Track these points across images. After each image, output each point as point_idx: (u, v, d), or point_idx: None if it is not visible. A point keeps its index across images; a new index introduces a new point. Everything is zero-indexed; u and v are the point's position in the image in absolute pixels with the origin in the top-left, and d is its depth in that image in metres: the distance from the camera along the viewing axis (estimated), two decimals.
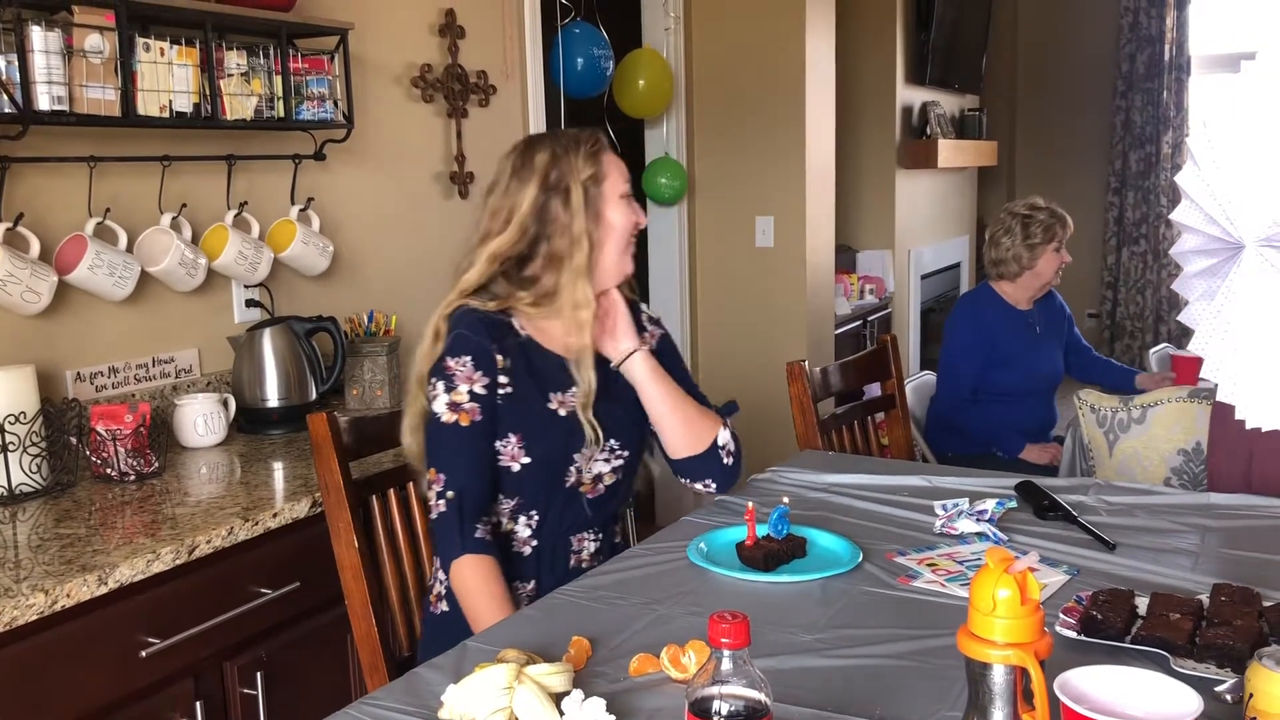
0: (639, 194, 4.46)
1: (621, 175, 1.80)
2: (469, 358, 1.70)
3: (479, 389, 1.70)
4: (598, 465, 1.79)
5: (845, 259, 5.54)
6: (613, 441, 1.80)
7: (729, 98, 4.50)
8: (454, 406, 1.68)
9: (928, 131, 5.86)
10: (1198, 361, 3.61)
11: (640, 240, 1.88)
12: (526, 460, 1.73)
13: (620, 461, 1.81)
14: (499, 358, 1.72)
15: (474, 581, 1.65)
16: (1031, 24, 7.70)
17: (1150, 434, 2.65)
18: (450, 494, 1.67)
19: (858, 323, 5.38)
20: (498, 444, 1.71)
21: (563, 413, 1.74)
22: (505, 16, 3.52)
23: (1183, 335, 7.33)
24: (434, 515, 1.69)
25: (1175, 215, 1.22)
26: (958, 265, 6.79)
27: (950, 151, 5.91)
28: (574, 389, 1.75)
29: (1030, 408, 3.53)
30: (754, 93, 4.46)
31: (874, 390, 2.81)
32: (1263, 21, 6.84)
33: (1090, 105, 7.59)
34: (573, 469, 1.76)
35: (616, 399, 1.81)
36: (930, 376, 3.80)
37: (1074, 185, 7.52)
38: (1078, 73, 7.61)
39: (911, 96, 5.80)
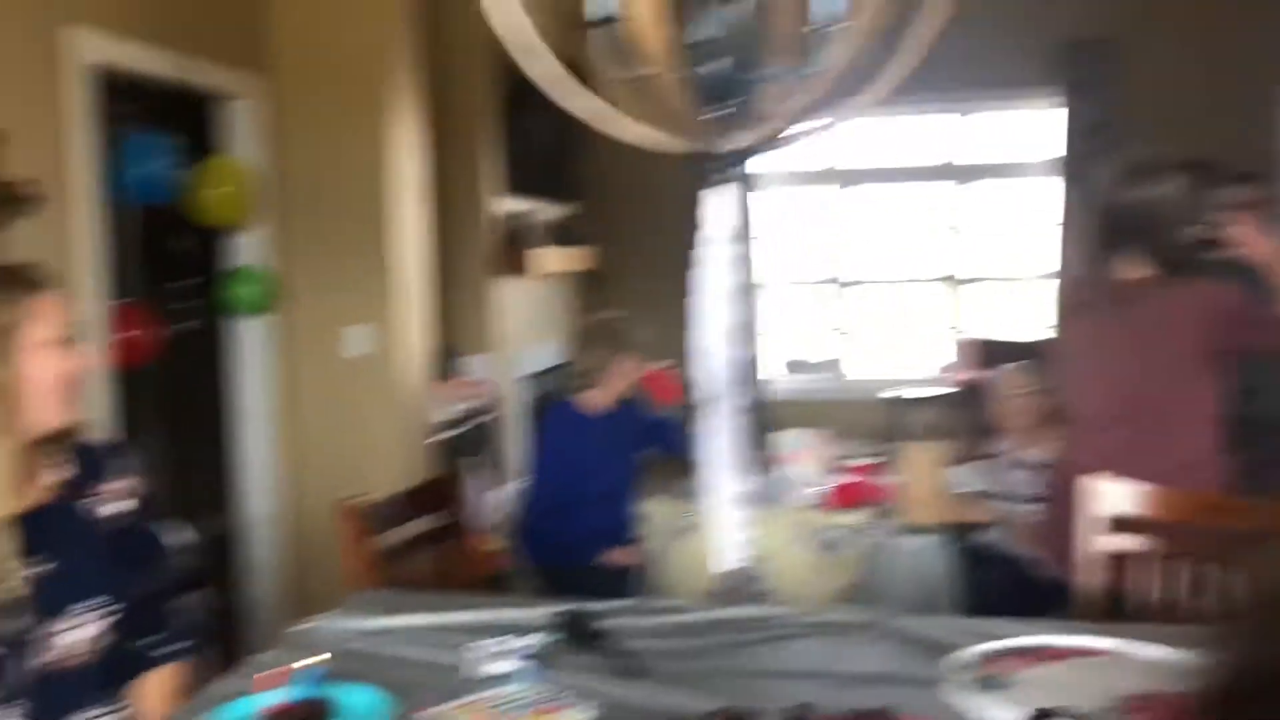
0: (215, 305, 4.24)
1: (47, 320, 1.64)
2: None
3: None
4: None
5: (447, 365, 5.55)
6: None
7: (316, 206, 4.41)
8: None
9: (524, 240, 6.04)
10: (667, 374, 3.93)
11: (212, 356, 1.79)
12: None
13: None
14: None
15: None
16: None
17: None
18: None
19: (460, 428, 5.38)
20: None
21: None
22: (60, 121, 3.26)
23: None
24: None
25: None
26: (558, 368, 7.00)
27: (548, 258, 6.13)
28: None
29: (611, 511, 3.66)
30: (341, 201, 4.40)
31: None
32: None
33: (669, 208, 8.14)
34: None
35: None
36: (522, 485, 3.86)
37: (667, 288, 8.00)
38: (665, 175, 8.15)
39: (508, 205, 5.97)
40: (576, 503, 3.56)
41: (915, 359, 8.21)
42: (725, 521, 1.27)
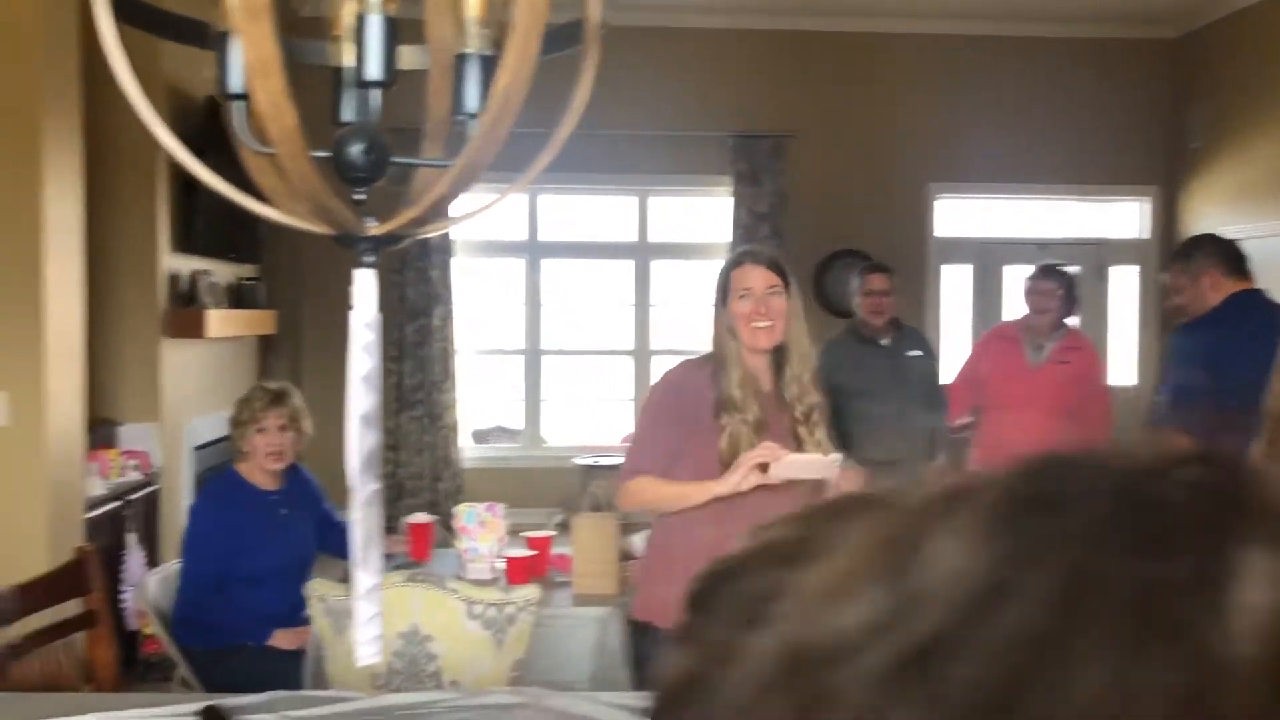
0: None
1: None
2: None
3: None
4: None
5: (104, 434, 5.13)
6: None
7: None
8: None
9: (197, 301, 5.73)
10: (429, 527, 3.88)
11: None
12: None
13: None
14: None
15: None
16: None
17: None
18: None
19: (119, 502, 4.97)
20: None
21: None
22: None
23: (453, 496, 7.88)
24: None
25: None
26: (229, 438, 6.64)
27: (222, 321, 5.83)
28: None
29: (280, 591, 3.48)
30: None
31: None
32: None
33: (349, 273, 7.99)
34: None
35: None
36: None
37: (344, 358, 7.81)
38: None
39: (180, 264, 5.65)
40: (238, 581, 3.36)
41: (607, 427, 8.43)
42: (359, 616, 1.24)
